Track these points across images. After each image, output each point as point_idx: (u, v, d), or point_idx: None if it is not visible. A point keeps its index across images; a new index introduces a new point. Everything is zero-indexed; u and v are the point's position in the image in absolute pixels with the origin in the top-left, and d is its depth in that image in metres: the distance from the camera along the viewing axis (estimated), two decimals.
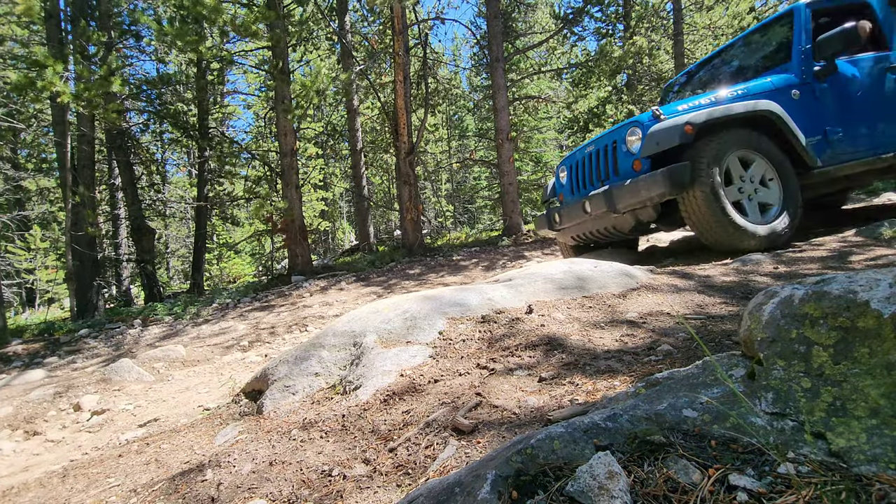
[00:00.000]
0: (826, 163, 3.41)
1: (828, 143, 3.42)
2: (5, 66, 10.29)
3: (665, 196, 3.09)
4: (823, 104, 3.43)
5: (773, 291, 1.01)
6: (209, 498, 1.21)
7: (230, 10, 8.22)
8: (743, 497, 0.65)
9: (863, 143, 3.52)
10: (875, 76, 3.55)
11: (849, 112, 3.48)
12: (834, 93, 3.45)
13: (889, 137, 3.57)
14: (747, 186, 3.25)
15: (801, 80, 3.44)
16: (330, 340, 1.93)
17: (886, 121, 3.55)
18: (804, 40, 3.50)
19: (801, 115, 3.35)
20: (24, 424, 2.82)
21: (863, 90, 3.51)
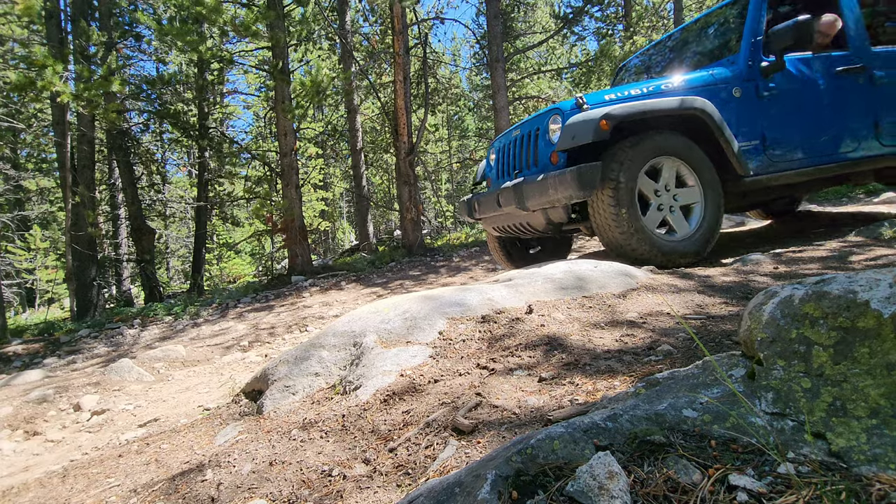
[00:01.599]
0: (759, 171, 3.08)
1: (764, 150, 3.09)
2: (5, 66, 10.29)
3: (573, 198, 2.78)
4: (766, 105, 3.09)
5: (773, 291, 1.01)
6: (209, 498, 1.21)
7: (230, 10, 8.22)
8: (743, 497, 0.65)
9: (805, 152, 3.18)
10: (828, 77, 3.21)
11: (794, 116, 3.14)
12: (780, 93, 3.10)
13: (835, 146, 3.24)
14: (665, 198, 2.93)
15: (747, 76, 3.07)
16: (330, 340, 1.93)
17: (833, 128, 3.22)
18: (756, 31, 3.12)
19: (740, 116, 3.03)
20: (24, 424, 2.82)
21: (812, 92, 3.17)
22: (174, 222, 19.94)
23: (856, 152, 3.26)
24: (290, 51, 9.98)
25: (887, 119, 3.31)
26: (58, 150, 8.86)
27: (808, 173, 3.15)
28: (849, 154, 3.26)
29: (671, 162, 2.91)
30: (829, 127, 3.20)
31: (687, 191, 2.96)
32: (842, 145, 3.24)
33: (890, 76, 3.31)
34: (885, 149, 3.34)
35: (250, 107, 18.98)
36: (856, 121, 3.25)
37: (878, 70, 3.27)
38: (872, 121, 3.28)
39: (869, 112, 3.27)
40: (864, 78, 3.24)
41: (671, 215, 2.92)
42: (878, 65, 3.28)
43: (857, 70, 3.22)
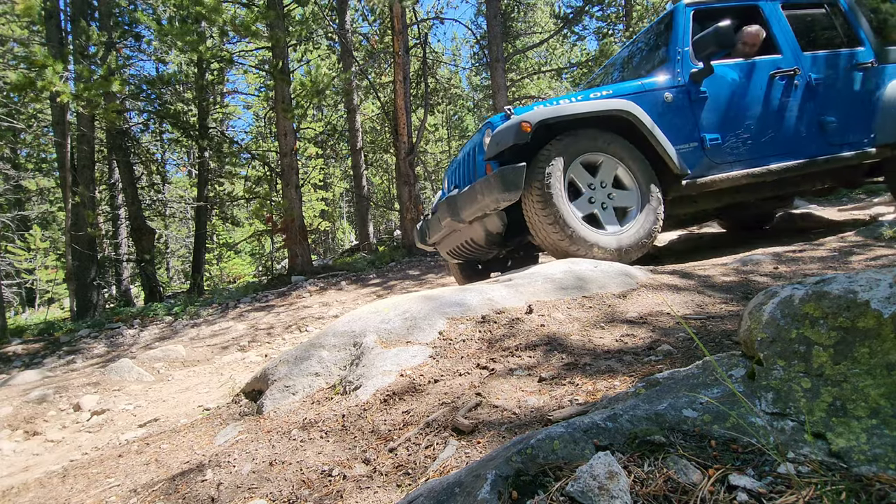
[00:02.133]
0: (701, 173, 3.13)
1: (704, 152, 3.14)
2: (5, 66, 10.29)
3: (500, 201, 2.75)
4: (700, 109, 3.16)
5: (773, 291, 1.01)
6: (209, 498, 1.21)
7: (230, 10, 8.22)
8: (743, 497, 0.65)
9: (746, 152, 3.24)
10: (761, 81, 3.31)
11: (729, 118, 3.21)
12: (713, 97, 3.19)
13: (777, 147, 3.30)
14: (599, 194, 2.92)
15: (676, 83, 3.18)
16: (330, 340, 1.93)
17: (773, 129, 3.29)
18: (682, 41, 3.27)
19: (675, 120, 3.10)
20: (24, 424, 2.82)
21: (746, 95, 3.26)
22: (174, 222, 19.94)
23: (802, 153, 3.31)
24: (289, 51, 9.98)
25: (829, 119, 3.37)
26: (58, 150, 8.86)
27: (754, 175, 3.20)
28: (795, 155, 3.30)
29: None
30: (769, 128, 3.26)
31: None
32: (786, 146, 3.29)
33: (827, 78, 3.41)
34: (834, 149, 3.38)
35: (250, 107, 18.98)
36: (797, 122, 3.32)
37: (814, 73, 3.39)
38: (816, 122, 3.34)
39: (810, 113, 3.34)
40: (801, 80, 3.35)
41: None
42: (812, 68, 3.40)
43: (791, 73, 3.33)
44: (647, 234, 2.88)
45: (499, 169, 2.74)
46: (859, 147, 3.43)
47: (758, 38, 3.36)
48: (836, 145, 3.39)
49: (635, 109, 2.91)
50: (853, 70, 3.50)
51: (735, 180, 3.18)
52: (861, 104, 3.49)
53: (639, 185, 2.94)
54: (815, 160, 3.32)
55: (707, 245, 4.51)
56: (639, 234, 2.86)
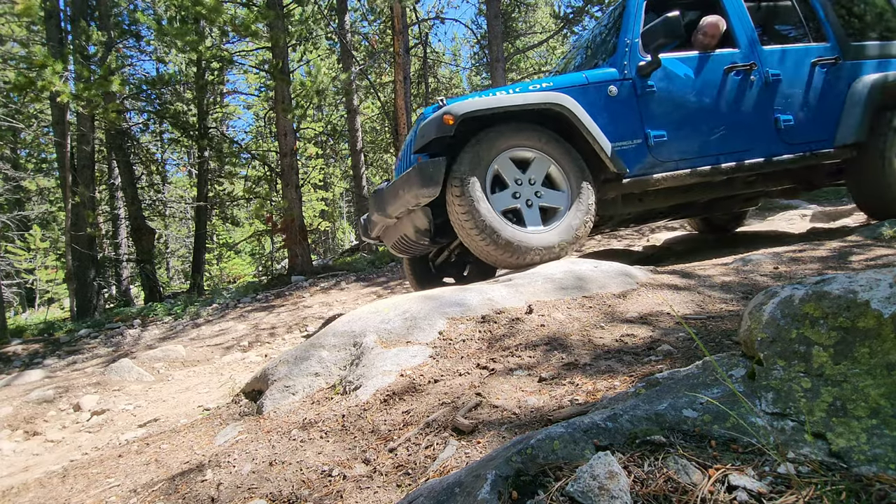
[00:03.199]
0: (644, 171, 2.97)
1: (648, 149, 2.97)
2: (5, 66, 10.29)
3: (419, 197, 2.61)
4: (646, 104, 3.00)
5: (773, 291, 1.01)
6: (209, 498, 1.21)
7: (230, 9, 8.22)
8: (743, 497, 0.65)
9: (694, 150, 3.08)
10: (716, 76, 3.14)
11: (677, 114, 3.05)
12: (661, 92, 3.02)
13: (728, 146, 3.13)
14: (525, 190, 2.74)
15: (622, 75, 2.99)
16: (330, 340, 1.94)
17: (725, 126, 3.12)
18: (632, 32, 3.07)
19: (618, 115, 2.94)
20: (24, 424, 2.82)
21: (697, 91, 3.09)
22: (174, 222, 19.94)
23: (755, 153, 3.17)
24: (290, 51, 9.98)
25: (786, 117, 3.22)
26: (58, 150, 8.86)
27: (701, 174, 3.05)
28: (750, 154, 3.16)
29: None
30: (720, 126, 3.11)
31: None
32: (740, 144, 3.15)
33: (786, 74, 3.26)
34: (790, 149, 3.24)
35: (250, 107, 18.98)
36: (751, 120, 3.18)
37: (772, 68, 3.23)
38: (771, 119, 3.20)
39: (766, 111, 3.21)
40: (758, 76, 3.20)
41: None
42: (770, 63, 3.24)
43: (747, 68, 3.18)
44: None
45: (418, 164, 2.59)
46: (818, 147, 3.29)
47: (717, 29, 3.19)
48: (793, 145, 3.24)
49: (569, 103, 2.73)
50: (815, 66, 3.33)
51: (681, 179, 3.03)
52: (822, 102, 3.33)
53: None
54: (770, 160, 3.18)
55: (707, 245, 4.51)
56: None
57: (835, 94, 3.35)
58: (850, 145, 3.30)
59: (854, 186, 3.59)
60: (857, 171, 3.47)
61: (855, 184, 3.57)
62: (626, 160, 2.91)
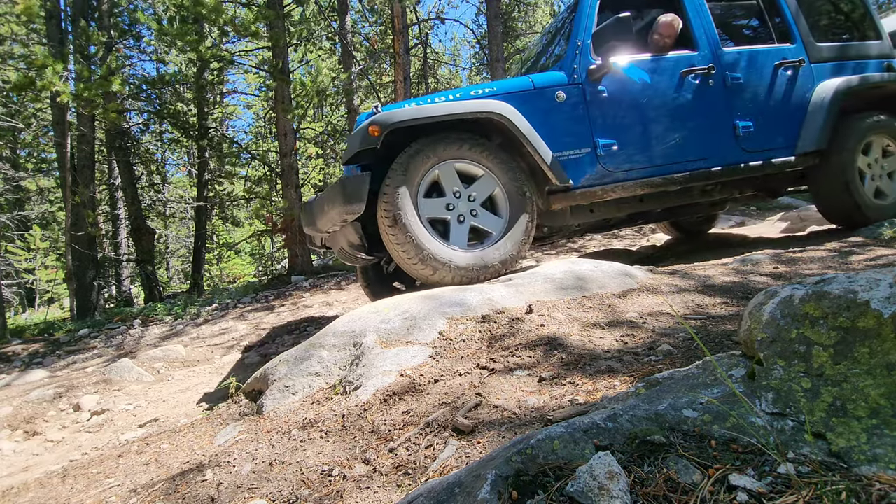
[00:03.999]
0: (592, 182, 2.80)
1: (597, 158, 2.80)
2: (5, 66, 10.29)
3: (344, 214, 2.46)
4: (596, 110, 2.81)
5: (773, 291, 1.01)
6: (209, 498, 1.21)
7: (230, 9, 8.22)
8: (743, 497, 0.65)
9: (647, 159, 2.90)
10: (672, 80, 2.95)
11: (629, 121, 2.87)
12: (612, 97, 2.84)
13: (683, 154, 2.96)
14: (462, 205, 2.58)
15: (571, 80, 2.80)
16: (330, 340, 1.94)
17: (680, 134, 2.94)
18: (583, 33, 2.87)
19: (565, 123, 2.77)
20: (24, 424, 2.82)
21: (651, 96, 2.91)
22: (174, 222, 19.93)
23: (715, 160, 3.01)
24: (290, 51, 9.98)
25: (745, 123, 3.05)
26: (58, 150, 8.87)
27: (655, 185, 2.89)
28: (706, 163, 3.00)
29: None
30: (674, 133, 2.94)
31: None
32: (696, 153, 2.98)
33: (747, 78, 3.09)
34: (749, 157, 3.08)
35: (250, 107, 18.96)
36: (709, 127, 3.01)
37: (733, 72, 3.06)
38: (729, 126, 3.04)
39: (724, 117, 3.04)
40: (716, 80, 3.03)
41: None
42: (731, 66, 3.07)
43: (705, 71, 3.00)
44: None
45: (341, 179, 2.47)
46: (779, 155, 3.14)
47: (673, 28, 3.01)
48: (752, 153, 3.08)
49: (507, 111, 2.56)
50: (779, 69, 3.17)
51: (631, 190, 2.87)
52: (784, 108, 3.17)
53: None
54: (727, 169, 3.02)
55: (707, 245, 4.51)
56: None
57: (798, 99, 3.20)
58: (811, 153, 3.17)
59: (817, 194, 3.48)
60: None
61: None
62: (571, 171, 2.75)
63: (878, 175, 3.43)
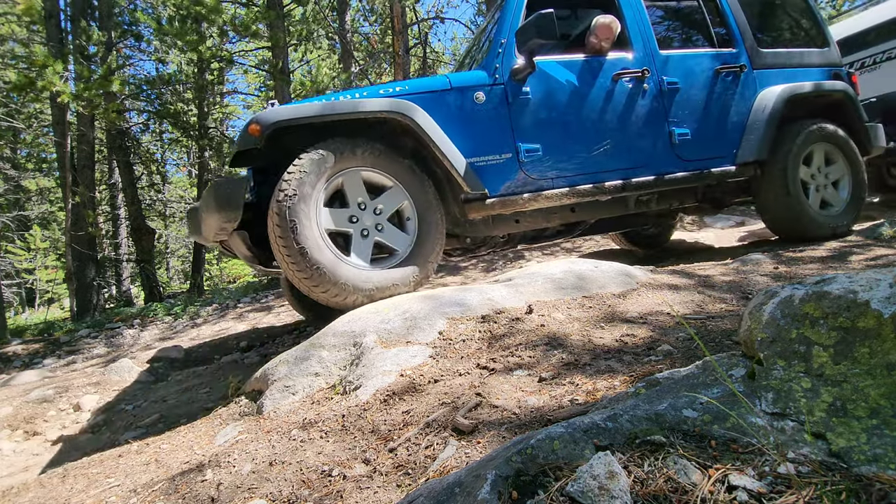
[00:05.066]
0: (515, 190, 2.61)
1: (519, 165, 2.61)
2: (5, 66, 10.29)
3: (221, 222, 2.23)
4: (520, 113, 2.63)
5: (773, 291, 1.01)
6: (209, 498, 1.21)
7: (230, 10, 8.22)
8: (743, 497, 0.65)
9: (574, 166, 2.72)
10: (601, 83, 2.80)
11: (555, 126, 2.69)
12: (537, 99, 2.66)
13: (615, 161, 2.80)
14: (367, 218, 2.37)
15: (493, 80, 2.62)
16: (330, 340, 1.94)
17: (611, 140, 2.78)
18: (508, 31, 2.70)
19: (483, 126, 2.58)
20: (24, 424, 2.82)
21: (580, 99, 2.75)
22: (174, 222, 19.94)
23: (649, 169, 2.87)
24: (290, 51, 9.98)
25: (682, 131, 2.91)
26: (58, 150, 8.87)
27: (584, 194, 2.72)
28: (640, 171, 2.85)
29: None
30: (606, 139, 2.78)
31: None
32: (628, 161, 2.83)
33: (684, 83, 2.96)
34: (687, 165, 2.93)
35: (250, 107, 18.96)
36: (642, 133, 2.86)
37: (669, 76, 2.93)
38: (665, 133, 2.90)
39: (659, 123, 2.90)
40: (651, 84, 2.89)
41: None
42: (667, 70, 2.94)
43: (639, 75, 2.86)
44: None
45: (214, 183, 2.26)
46: (718, 165, 3.00)
47: (610, 31, 2.86)
48: (690, 161, 2.95)
49: (413, 111, 2.37)
50: (719, 75, 3.04)
51: (557, 200, 2.68)
52: (724, 115, 3.04)
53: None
54: (662, 178, 2.87)
55: (707, 245, 4.51)
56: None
57: (738, 107, 3.07)
58: (752, 163, 3.06)
59: (760, 206, 3.35)
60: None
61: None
62: (490, 178, 2.57)
63: (823, 185, 3.33)
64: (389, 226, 2.43)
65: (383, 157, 2.39)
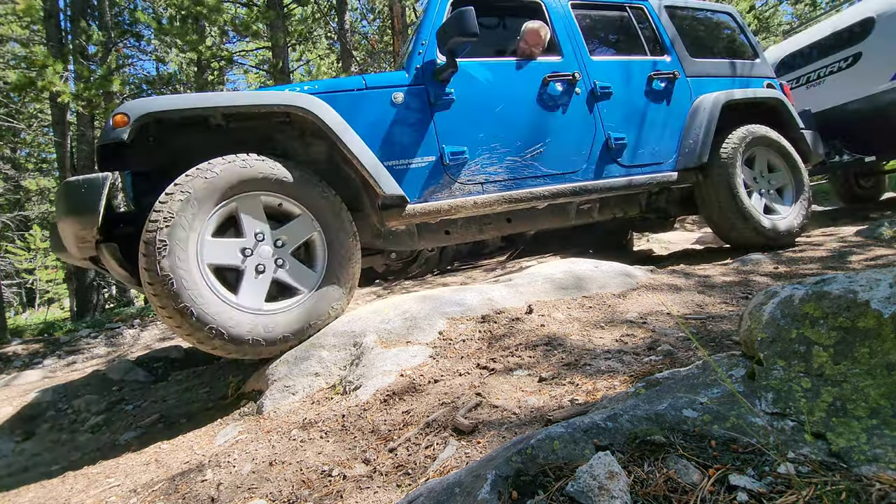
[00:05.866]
0: (439, 195, 2.45)
1: (444, 167, 2.46)
2: (5, 66, 10.29)
3: (76, 231, 1.85)
4: (443, 114, 2.52)
5: (773, 291, 1.01)
6: (209, 498, 1.21)
7: (230, 9, 8.22)
8: (743, 497, 0.65)
9: (505, 170, 2.59)
10: (530, 84, 2.72)
11: (483, 128, 2.58)
12: (462, 101, 2.56)
13: (549, 165, 2.69)
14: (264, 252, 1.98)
15: (413, 80, 2.51)
16: (330, 340, 1.94)
17: (543, 144, 2.69)
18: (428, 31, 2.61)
19: (402, 127, 2.43)
20: (24, 424, 2.82)
21: (509, 100, 2.65)
22: None
23: (586, 174, 2.77)
24: (289, 50, 9.98)
25: (618, 136, 2.87)
26: (58, 150, 8.87)
27: (517, 200, 2.57)
28: (577, 176, 2.75)
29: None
30: (536, 143, 2.68)
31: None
32: (563, 165, 2.73)
33: (618, 88, 2.93)
34: (627, 171, 2.87)
35: None
36: (577, 136, 2.79)
37: (602, 80, 2.89)
38: (601, 137, 2.84)
39: (594, 127, 2.83)
40: (583, 88, 2.84)
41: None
42: (599, 75, 2.91)
43: (570, 77, 2.80)
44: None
45: (64, 183, 1.91)
46: (659, 170, 2.96)
47: (539, 36, 2.81)
48: (630, 167, 2.89)
49: (315, 106, 2.12)
50: (652, 81, 3.04)
51: (488, 206, 2.51)
52: (661, 121, 3.03)
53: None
54: (600, 184, 2.79)
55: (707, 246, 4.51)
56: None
57: (675, 113, 3.08)
58: (693, 168, 3.04)
59: (704, 212, 3.29)
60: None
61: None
62: (410, 182, 2.39)
63: (766, 191, 3.31)
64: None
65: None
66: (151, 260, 1.75)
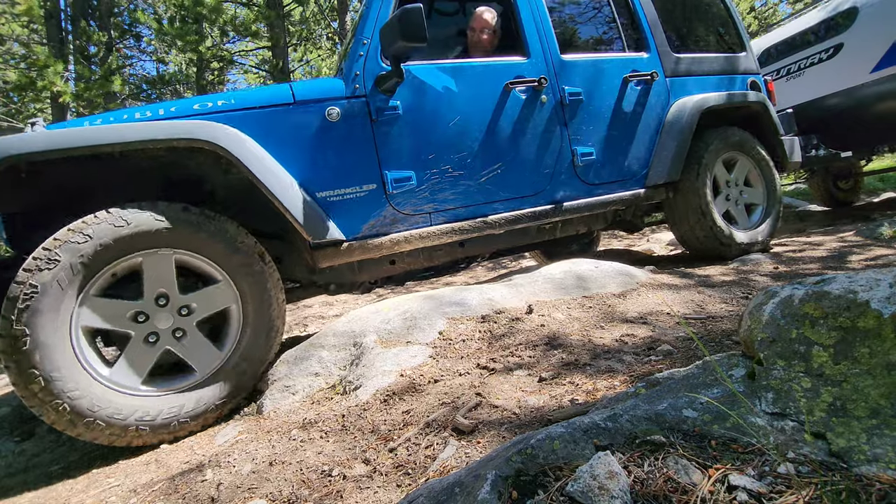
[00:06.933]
0: (381, 229, 2.13)
1: (387, 197, 2.13)
2: (6, 66, 10.30)
3: None
4: (387, 133, 2.14)
5: (773, 291, 1.01)
6: (209, 498, 1.21)
7: (230, 9, 8.23)
8: (743, 497, 0.65)
9: (457, 197, 2.26)
10: (489, 94, 2.34)
11: (432, 148, 2.21)
12: (409, 115, 2.17)
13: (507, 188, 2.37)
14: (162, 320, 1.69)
15: (352, 91, 2.10)
16: (330, 340, 1.94)
17: (503, 163, 2.35)
18: (370, 31, 2.18)
19: (337, 150, 2.06)
20: (24, 424, 2.82)
21: (464, 114, 2.27)
22: None
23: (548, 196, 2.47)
24: (290, 51, 9.99)
25: (585, 150, 2.53)
26: None
27: (469, 230, 2.28)
28: (537, 199, 2.45)
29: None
30: (495, 163, 2.35)
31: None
32: (523, 188, 2.42)
33: (589, 94, 2.56)
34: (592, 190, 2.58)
35: None
36: (541, 154, 2.45)
37: (572, 85, 2.52)
38: (567, 154, 2.51)
39: (560, 142, 2.49)
40: (551, 96, 2.46)
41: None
42: (569, 79, 2.53)
43: (536, 84, 2.42)
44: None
45: None
46: (626, 188, 2.66)
47: (486, 22, 2.48)
48: (595, 185, 2.59)
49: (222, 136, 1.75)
50: (628, 83, 2.66)
51: (436, 238, 2.21)
52: (633, 131, 2.68)
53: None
54: (563, 206, 2.48)
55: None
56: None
57: (650, 120, 2.73)
58: (664, 184, 2.74)
59: (674, 227, 3.04)
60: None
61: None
62: (346, 217, 2.06)
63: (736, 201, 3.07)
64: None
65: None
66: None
